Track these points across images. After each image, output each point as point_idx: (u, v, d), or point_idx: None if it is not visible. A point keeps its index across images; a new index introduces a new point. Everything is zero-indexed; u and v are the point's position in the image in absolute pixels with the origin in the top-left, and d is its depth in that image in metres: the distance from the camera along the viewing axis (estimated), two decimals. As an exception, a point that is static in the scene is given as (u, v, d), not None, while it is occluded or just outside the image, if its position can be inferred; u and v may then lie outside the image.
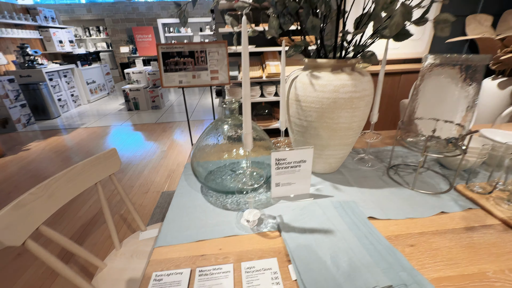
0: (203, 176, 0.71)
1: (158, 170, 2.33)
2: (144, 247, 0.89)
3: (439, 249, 0.50)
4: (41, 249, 0.61)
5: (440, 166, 0.82)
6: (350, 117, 0.65)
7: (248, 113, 0.47)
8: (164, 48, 1.44)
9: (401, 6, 0.47)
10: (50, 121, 4.09)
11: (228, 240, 0.55)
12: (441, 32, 0.61)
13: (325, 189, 0.71)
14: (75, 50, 5.12)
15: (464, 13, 2.64)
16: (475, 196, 0.64)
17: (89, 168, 0.80)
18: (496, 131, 0.83)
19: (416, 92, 0.70)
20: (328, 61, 0.64)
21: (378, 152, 0.93)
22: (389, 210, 0.61)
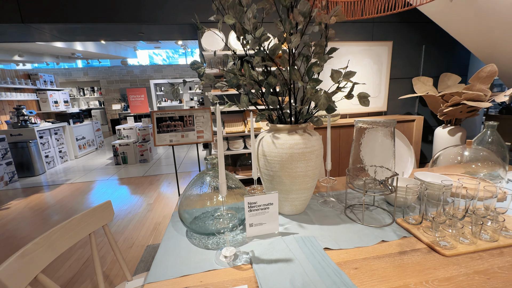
0: (189, 221, 0.83)
1: (144, 223, 2.34)
2: (129, 297, 0.93)
3: (376, 270, 0.63)
4: (38, 296, 0.67)
5: (387, 203, 0.99)
6: (305, 167, 0.83)
7: (222, 167, 0.65)
8: (158, 114, 1.69)
9: (324, 93, 0.70)
10: (34, 178, 4.05)
11: (208, 274, 0.65)
12: (364, 104, 0.86)
13: (292, 227, 0.85)
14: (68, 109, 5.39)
15: (410, 75, 3.21)
16: (409, 227, 0.80)
17: (87, 219, 0.90)
18: (426, 173, 1.04)
19: (354, 146, 0.92)
20: (285, 126, 0.85)
21: (339, 194, 1.10)
22: (341, 241, 0.75)
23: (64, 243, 0.82)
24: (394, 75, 3.16)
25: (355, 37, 2.97)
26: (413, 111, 3.33)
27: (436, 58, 3.21)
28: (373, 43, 2.98)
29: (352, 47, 2.94)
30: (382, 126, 0.83)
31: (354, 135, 0.91)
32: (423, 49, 3.14)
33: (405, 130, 2.88)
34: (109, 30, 3.14)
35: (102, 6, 2.67)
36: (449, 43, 3.16)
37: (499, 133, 1.16)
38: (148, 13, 2.71)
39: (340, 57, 2.95)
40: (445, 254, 0.67)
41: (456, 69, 3.27)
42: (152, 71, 8.94)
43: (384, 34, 3.02)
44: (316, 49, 0.81)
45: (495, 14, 2.12)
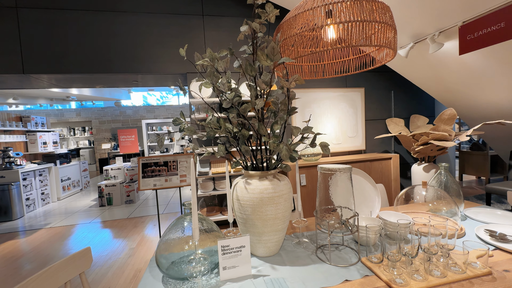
0: (165, 266, 0.87)
1: (124, 270, 2.23)
2: None
3: (336, 309, 0.68)
4: None
5: (355, 243, 1.05)
6: (275, 210, 0.92)
7: (195, 212, 0.73)
8: (144, 160, 1.78)
9: (285, 146, 0.83)
10: (10, 223, 3.85)
11: (179, 320, 0.68)
12: (325, 151, 0.99)
13: (265, 269, 0.89)
14: (57, 150, 5.38)
15: (384, 117, 3.51)
16: (371, 265, 0.86)
17: (64, 266, 0.92)
18: (390, 212, 1.14)
19: (319, 188, 1.02)
20: (256, 173, 0.96)
21: (313, 235, 1.16)
22: (308, 282, 0.80)
23: (39, 294, 0.82)
24: (369, 116, 3.45)
25: (330, 84, 3.31)
26: (390, 149, 3.56)
27: (405, 101, 3.56)
28: (347, 89, 3.31)
29: (328, 93, 3.26)
30: (342, 171, 0.94)
31: (319, 179, 1.02)
32: (392, 94, 3.49)
33: (383, 168, 3.04)
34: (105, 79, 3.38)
35: (100, 58, 2.93)
36: (415, 88, 3.54)
37: (474, 168, 1.30)
38: (143, 65, 2.97)
39: (319, 101, 3.23)
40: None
41: (424, 110, 3.61)
42: (144, 111, 9.23)
43: (356, 81, 3.38)
44: (281, 107, 0.96)
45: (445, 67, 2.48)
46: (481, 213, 1.30)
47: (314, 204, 2.81)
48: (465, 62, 2.32)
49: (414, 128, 3.31)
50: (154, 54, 2.98)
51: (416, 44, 2.40)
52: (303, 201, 2.79)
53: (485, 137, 3.16)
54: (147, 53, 2.98)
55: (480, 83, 2.45)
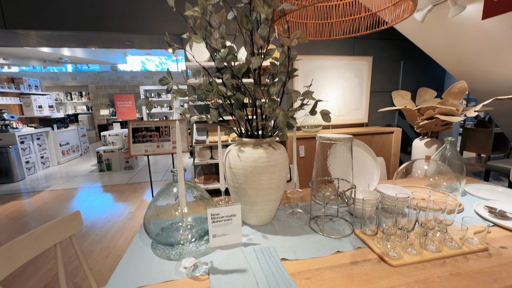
0: (155, 232, 0.85)
1: (123, 232, 2.30)
2: (93, 309, 0.92)
3: (326, 280, 0.67)
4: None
5: (350, 215, 1.03)
6: (268, 180, 0.87)
7: (182, 180, 0.68)
8: (134, 125, 1.70)
9: (282, 111, 0.75)
10: (12, 185, 3.92)
11: (165, 285, 0.67)
12: (326, 120, 0.91)
13: (256, 238, 0.88)
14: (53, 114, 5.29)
15: (390, 89, 3.35)
16: (365, 238, 0.84)
17: (53, 229, 0.90)
18: (389, 186, 1.10)
19: (317, 159, 0.96)
20: (250, 140, 0.89)
21: (307, 206, 1.14)
22: (299, 252, 0.79)
23: (28, 254, 0.82)
24: (375, 88, 3.29)
25: (337, 51, 3.09)
26: (393, 123, 3.46)
27: (414, 73, 3.37)
28: (354, 57, 3.11)
29: (334, 61, 3.06)
30: (342, 141, 0.88)
31: (317, 149, 0.96)
32: (401, 64, 3.29)
33: (384, 142, 2.98)
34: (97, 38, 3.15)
35: (89, 14, 2.69)
36: (426, 59, 3.33)
37: (476, 145, 1.23)
38: (136, 24, 2.75)
39: (323, 70, 3.06)
40: (392, 264, 0.71)
41: (433, 83, 3.44)
42: (142, 77, 8.92)
43: (364, 49, 3.16)
44: (280, 69, 0.86)
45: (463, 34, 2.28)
46: (481, 189, 1.27)
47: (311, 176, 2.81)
48: (486, 30, 2.12)
49: (420, 102, 3.18)
50: (147, 12, 2.74)
51: (435, 6, 2.17)
52: (300, 172, 2.78)
53: (493, 113, 3.05)
54: (140, 10, 2.73)
55: (498, 55, 2.28)
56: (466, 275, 0.67)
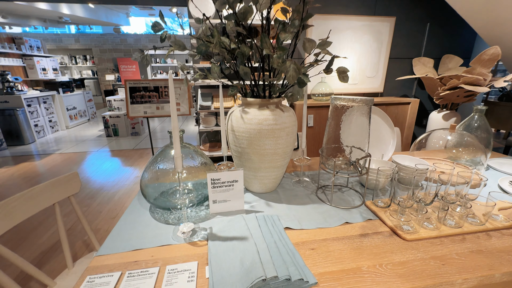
0: (153, 197, 0.81)
1: (129, 195, 2.35)
2: (96, 266, 0.93)
3: (332, 251, 0.62)
4: (-11, 263, 0.66)
5: (361, 186, 0.96)
6: (274, 145, 0.79)
7: (177, 140, 0.60)
8: (131, 84, 1.60)
9: (293, 64, 0.64)
10: (23, 147, 4.01)
11: (161, 248, 0.64)
12: (343, 80, 0.80)
13: (259, 206, 0.83)
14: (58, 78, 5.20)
15: (411, 56, 3.07)
16: (376, 209, 0.78)
17: (50, 189, 0.87)
18: (405, 157, 1.01)
19: (329, 124, 0.87)
20: (255, 100, 0.80)
21: (315, 175, 1.07)
22: (304, 221, 0.74)
23: (25, 212, 0.80)
24: (394, 54, 3.02)
25: (356, 10, 2.78)
26: (410, 93, 3.24)
27: (440, 38, 3.05)
28: (375, 18, 2.80)
29: (352, 21, 2.77)
30: (359, 103, 0.77)
31: (330, 113, 0.86)
32: (427, 27, 2.96)
33: (399, 113, 2.81)
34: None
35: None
36: (454, 22, 2.98)
37: (497, 120, 1.11)
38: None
39: (339, 32, 2.78)
40: (405, 238, 0.65)
41: (460, 51, 3.12)
42: (146, 41, 8.54)
43: (387, 8, 2.82)
44: (293, 16, 0.73)
45: (506, -10, 1.96)
46: (506, 164, 1.16)
47: (320, 146, 2.73)
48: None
49: (443, 70, 2.92)
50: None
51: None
52: (308, 143, 2.70)
53: (523, 85, 2.78)
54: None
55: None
56: (489, 253, 0.61)
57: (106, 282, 0.53)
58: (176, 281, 0.53)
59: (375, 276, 0.54)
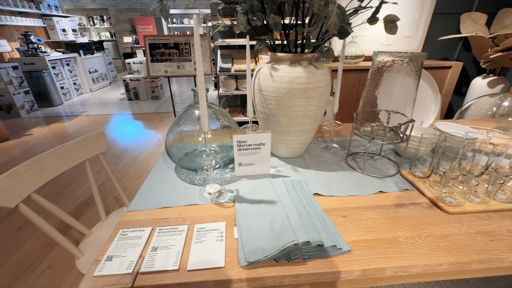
0: (178, 157, 0.80)
1: (153, 157, 2.44)
2: (127, 220, 0.98)
3: (365, 220, 0.59)
4: (32, 212, 0.71)
5: (395, 154, 0.89)
6: (305, 106, 0.72)
7: (203, 97, 0.56)
8: (151, 40, 1.51)
9: (337, 8, 0.54)
10: (52, 108, 4.21)
11: (189, 208, 0.64)
12: (390, 31, 0.68)
13: (285, 171, 0.80)
14: (78, 39, 5.19)
15: (460, 11, 2.66)
16: (414, 180, 0.72)
17: (78, 147, 0.89)
18: (449, 124, 0.90)
19: (368, 85, 0.77)
20: (286, 55, 0.71)
21: (344, 141, 1.01)
22: (334, 188, 0.70)
23: (56, 168, 0.83)
24: (440, 9, 2.61)
25: (400, -47, 2.36)
26: (452, 56, 2.88)
27: (500, -12, 2.57)
28: (422, -37, 2.37)
29: (394, -32, 2.37)
30: (407, 59, 0.67)
31: (370, 73, 0.76)
32: (486, -27, 2.48)
33: (437, 78, 2.54)
34: None
35: None
36: (523, -34, 2.46)
37: None
38: None
39: (377, -18, 2.42)
40: (447, 211, 0.60)
41: (522, 3, 2.63)
42: None
43: (439, -50, 2.37)
44: None
45: None
46: None
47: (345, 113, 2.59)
48: None
49: (498, 28, 2.51)
50: None
51: None
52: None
53: None
54: None
55: None
56: (546, 231, 0.54)
57: (138, 236, 0.54)
58: (205, 239, 0.53)
59: (413, 248, 0.51)
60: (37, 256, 1.32)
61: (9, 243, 1.42)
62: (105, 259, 0.48)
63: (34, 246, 1.38)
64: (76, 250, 0.80)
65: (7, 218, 1.62)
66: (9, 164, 2.35)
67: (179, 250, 0.50)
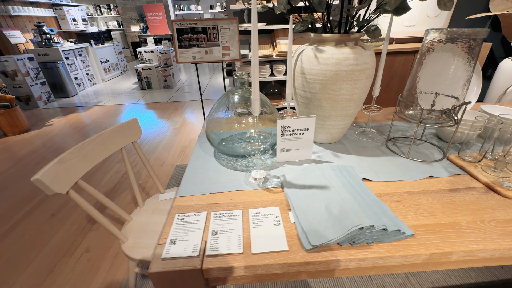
0: (216, 142, 0.79)
1: (172, 146, 2.46)
2: (163, 206, 1.01)
3: (421, 205, 0.57)
4: (81, 198, 0.72)
5: (438, 139, 0.86)
6: (351, 89, 0.70)
7: (257, 81, 0.54)
8: (178, 25, 1.48)
9: (400, -20, 0.50)
10: (68, 99, 4.27)
11: (237, 193, 0.64)
12: (444, 7, 0.64)
13: (326, 156, 0.78)
14: (88, 29, 5.17)
15: (489, -13, 2.48)
16: (465, 164, 0.69)
17: (116, 134, 0.90)
18: (496, 107, 0.86)
19: (417, 67, 0.74)
20: (332, 36, 0.68)
21: (379, 126, 0.98)
22: (382, 173, 0.68)
23: (97, 155, 0.84)
24: (468, -15, 2.46)
25: None
26: (479, 37, 2.73)
27: (536, -40, 2.37)
28: None
29: None
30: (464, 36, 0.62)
31: (420, 52, 0.72)
32: None
33: (462, 61, 2.42)
34: None
35: None
36: None
37: None
38: None
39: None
40: (507, 196, 0.58)
41: (559, -23, 2.44)
42: (169, -15, 7.92)
43: None
44: None
45: None
46: None
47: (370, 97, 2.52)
48: None
49: (531, 4, 2.35)
50: None
51: None
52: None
53: None
54: None
55: None
56: None
57: (195, 220, 0.54)
58: (262, 223, 0.53)
59: (478, 232, 0.50)
60: (73, 240, 1.37)
61: (45, 229, 1.48)
62: (169, 243, 0.49)
63: (69, 232, 1.44)
64: (122, 235, 0.83)
65: (39, 206, 1.68)
66: (35, 154, 2.43)
67: (239, 234, 0.51)
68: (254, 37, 0.50)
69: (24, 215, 1.59)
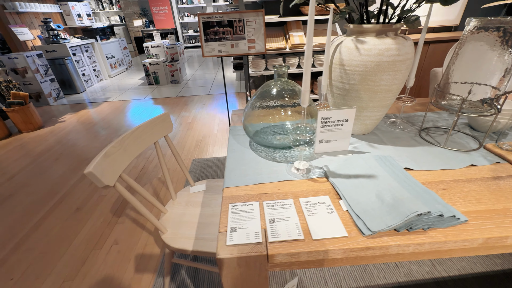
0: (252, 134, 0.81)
1: (186, 140, 2.48)
2: (195, 198, 1.03)
3: (468, 192, 0.59)
4: (126, 191, 0.75)
5: (471, 129, 0.87)
6: (391, 80, 0.70)
7: (308, 72, 0.55)
8: (204, 18, 1.47)
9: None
10: (77, 96, 4.29)
11: (283, 183, 0.65)
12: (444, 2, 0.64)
13: (362, 147, 0.80)
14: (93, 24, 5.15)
15: (506, -27, 2.43)
16: (504, 153, 0.70)
17: (150, 128, 0.91)
18: (530, 96, 0.86)
19: (455, 56, 0.74)
20: (374, 26, 0.68)
21: (409, 117, 0.99)
22: (422, 163, 0.70)
23: (135, 149, 0.86)
24: (484, -28, 2.41)
25: None
26: (493, 25, 2.68)
27: None
28: None
29: None
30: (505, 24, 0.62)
31: (460, 43, 0.72)
32: None
33: (477, 51, 2.39)
34: None
35: None
36: None
37: None
38: None
39: None
40: (553, 182, 0.59)
41: None
42: (171, -22, 7.82)
43: None
44: None
45: None
46: None
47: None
48: None
49: (550, -9, 2.30)
50: None
51: None
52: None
53: None
54: None
55: None
56: None
57: (250, 209, 0.56)
58: (316, 212, 0.55)
59: (530, 218, 0.51)
60: (101, 233, 1.41)
61: (71, 222, 1.52)
62: (230, 230, 0.51)
63: (96, 225, 1.48)
64: (162, 226, 0.85)
65: (62, 201, 1.72)
66: (51, 151, 2.46)
67: (296, 221, 0.52)
68: (310, 28, 0.51)
69: (49, 210, 1.63)
